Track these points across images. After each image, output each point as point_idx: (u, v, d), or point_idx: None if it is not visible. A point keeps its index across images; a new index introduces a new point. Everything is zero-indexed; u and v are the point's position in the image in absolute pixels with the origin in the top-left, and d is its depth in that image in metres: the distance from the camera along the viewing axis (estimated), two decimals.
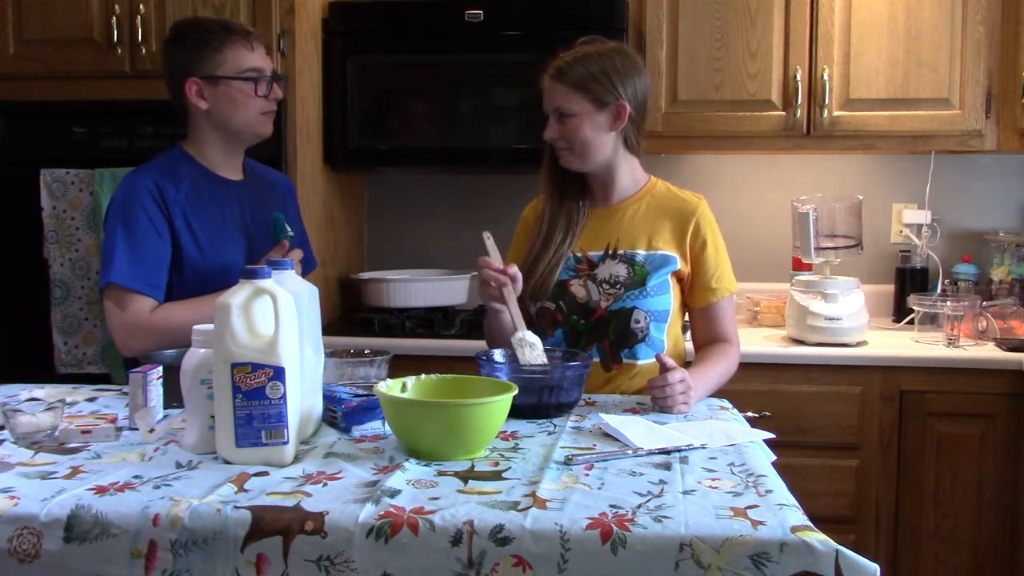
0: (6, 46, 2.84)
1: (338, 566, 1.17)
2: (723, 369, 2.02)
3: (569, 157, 2.02)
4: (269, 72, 2.13)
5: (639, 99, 2.00)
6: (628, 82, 1.97)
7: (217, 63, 2.07)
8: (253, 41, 2.11)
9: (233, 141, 2.16)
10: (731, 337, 2.10)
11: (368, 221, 3.48)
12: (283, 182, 2.41)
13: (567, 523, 1.17)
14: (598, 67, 1.96)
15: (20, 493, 1.27)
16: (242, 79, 2.07)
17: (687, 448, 1.51)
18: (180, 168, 2.13)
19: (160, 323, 2.00)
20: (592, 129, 1.98)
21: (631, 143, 2.03)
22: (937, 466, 2.69)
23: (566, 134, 1.99)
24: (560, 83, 1.97)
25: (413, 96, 3.02)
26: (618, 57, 1.98)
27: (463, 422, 1.45)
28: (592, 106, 1.96)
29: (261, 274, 1.45)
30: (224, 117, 2.10)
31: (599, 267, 2.03)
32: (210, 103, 2.09)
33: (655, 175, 2.14)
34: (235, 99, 2.08)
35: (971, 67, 2.88)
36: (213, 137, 2.14)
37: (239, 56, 2.08)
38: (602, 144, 2.00)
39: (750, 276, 3.29)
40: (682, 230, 2.04)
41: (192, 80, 2.08)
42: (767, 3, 2.93)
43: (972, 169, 3.24)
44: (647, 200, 2.07)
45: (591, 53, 1.98)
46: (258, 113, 2.11)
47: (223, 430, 1.42)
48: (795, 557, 1.12)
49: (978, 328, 2.82)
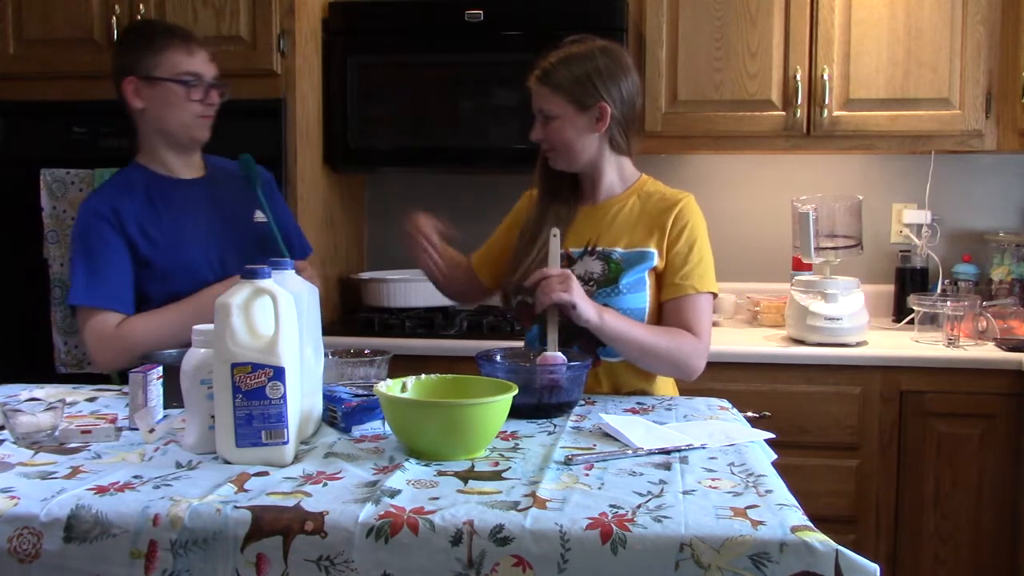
0: (6, 46, 2.84)
1: (338, 566, 1.17)
2: (662, 336, 1.91)
3: (555, 158, 2.02)
4: (209, 78, 2.18)
5: (624, 100, 1.98)
6: (611, 84, 1.95)
7: (154, 64, 2.12)
8: (193, 46, 2.16)
9: (170, 142, 2.20)
10: (694, 331, 1.95)
11: (368, 221, 3.48)
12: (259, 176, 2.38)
13: (567, 523, 1.17)
14: (581, 69, 1.95)
15: (20, 493, 1.27)
16: (176, 82, 2.13)
17: (687, 448, 1.52)
18: (133, 181, 2.19)
19: (127, 334, 2.06)
20: (574, 131, 1.97)
21: (616, 144, 2.01)
22: (937, 466, 2.69)
23: (549, 136, 1.99)
24: (543, 85, 1.97)
25: (413, 96, 3.02)
26: (602, 58, 1.96)
27: (463, 422, 1.45)
28: (573, 108, 1.95)
29: (261, 274, 1.45)
30: (159, 117, 2.16)
31: (577, 264, 2.01)
32: (146, 103, 2.15)
33: (655, 175, 2.13)
34: (169, 101, 2.14)
35: (971, 67, 2.88)
36: (157, 140, 2.20)
37: (176, 59, 2.13)
38: (585, 146, 1.99)
39: (750, 276, 3.30)
40: (662, 225, 1.99)
41: (130, 79, 2.14)
42: (767, 3, 2.93)
43: (972, 169, 3.24)
44: (634, 198, 2.05)
45: (575, 54, 1.97)
46: (193, 117, 2.16)
47: (223, 430, 1.42)
48: (795, 557, 1.12)
49: (978, 328, 2.82)
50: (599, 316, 1.84)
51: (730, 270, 3.27)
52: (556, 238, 1.90)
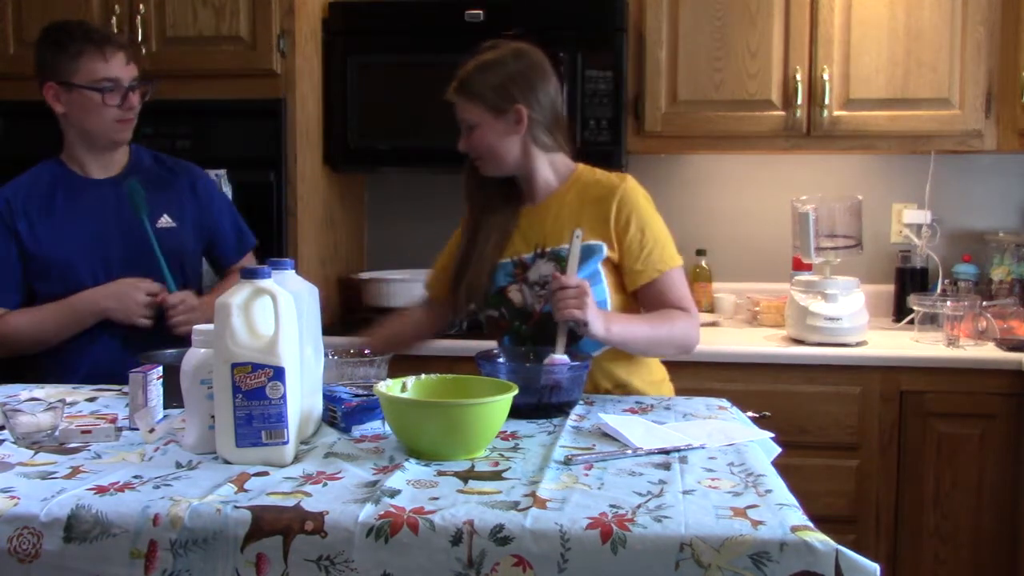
0: (6, 46, 2.84)
1: (338, 566, 1.17)
2: (660, 323, 1.95)
3: (483, 165, 2.04)
4: (127, 81, 2.20)
5: (539, 100, 1.98)
6: (524, 85, 1.96)
7: (72, 71, 2.17)
8: (108, 51, 2.18)
9: (91, 143, 2.24)
10: (681, 307, 1.99)
11: (368, 221, 3.48)
12: (188, 173, 2.40)
13: (567, 523, 1.17)
14: (494, 75, 1.96)
15: (20, 493, 1.27)
16: (93, 89, 2.16)
17: (686, 448, 1.52)
18: (42, 176, 2.25)
19: (2, 329, 2.13)
20: (495, 136, 1.98)
21: (542, 143, 2.01)
22: (937, 466, 2.69)
23: (473, 144, 2.01)
24: (460, 96, 1.99)
25: (413, 96, 3.01)
26: (514, 62, 1.97)
27: (463, 422, 1.45)
28: (491, 115, 1.97)
29: (261, 274, 1.45)
30: (78, 121, 2.21)
31: (531, 269, 2.02)
32: (65, 108, 2.20)
33: (655, 175, 2.12)
34: (87, 107, 2.18)
35: (971, 67, 2.88)
36: (75, 139, 2.25)
37: (93, 66, 2.16)
38: (508, 149, 1.99)
39: (750, 276, 3.30)
40: (604, 215, 1.98)
41: (49, 85, 2.19)
42: (767, 3, 2.93)
43: (972, 169, 3.24)
44: (573, 191, 2.04)
45: (487, 61, 1.98)
46: (112, 121, 2.20)
47: (223, 430, 1.42)
48: (795, 557, 1.12)
49: (978, 328, 2.82)
50: (607, 329, 1.85)
51: (730, 270, 3.28)
52: (578, 239, 1.90)
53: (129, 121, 2.23)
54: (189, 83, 2.79)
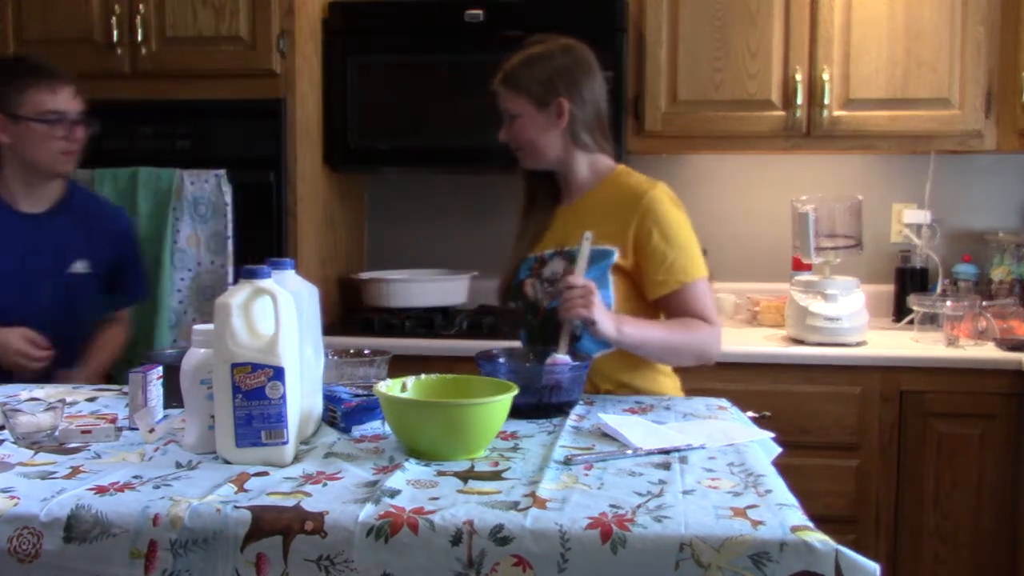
0: (6, 46, 2.84)
1: (338, 566, 1.17)
2: (678, 331, 1.92)
3: (523, 157, 2.05)
4: (73, 114, 2.27)
5: (583, 96, 1.99)
6: (569, 80, 1.98)
7: (19, 103, 2.24)
8: (56, 84, 2.26)
9: (33, 174, 2.30)
10: (704, 318, 1.95)
11: (368, 221, 3.48)
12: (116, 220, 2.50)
13: (567, 523, 1.17)
14: (540, 68, 1.98)
15: (20, 493, 1.27)
16: (40, 121, 2.23)
17: (686, 448, 1.52)
18: None
19: None
20: (536, 129, 2.00)
21: (580, 141, 2.01)
22: (937, 466, 2.69)
23: (514, 135, 2.02)
24: (505, 86, 2.01)
25: (413, 96, 3.02)
26: (561, 56, 2.00)
27: (463, 422, 1.45)
28: (534, 107, 1.99)
29: (261, 274, 1.45)
30: (24, 152, 2.27)
31: (546, 265, 2.03)
32: (12, 139, 2.26)
33: (655, 175, 2.11)
34: (33, 139, 2.25)
35: (971, 67, 2.88)
36: (15, 169, 2.31)
37: (40, 98, 2.24)
38: (548, 143, 2.01)
39: (750, 276, 3.29)
40: (625, 222, 1.96)
41: None
42: (767, 3, 2.93)
43: (972, 169, 3.24)
44: (605, 193, 2.04)
45: (535, 55, 2.00)
46: (57, 152, 2.27)
47: (223, 430, 1.42)
48: (795, 557, 1.12)
49: (978, 328, 2.82)
50: (618, 330, 1.84)
51: (730, 270, 3.27)
52: (587, 240, 1.89)
53: (73, 153, 2.30)
54: (189, 83, 2.79)
